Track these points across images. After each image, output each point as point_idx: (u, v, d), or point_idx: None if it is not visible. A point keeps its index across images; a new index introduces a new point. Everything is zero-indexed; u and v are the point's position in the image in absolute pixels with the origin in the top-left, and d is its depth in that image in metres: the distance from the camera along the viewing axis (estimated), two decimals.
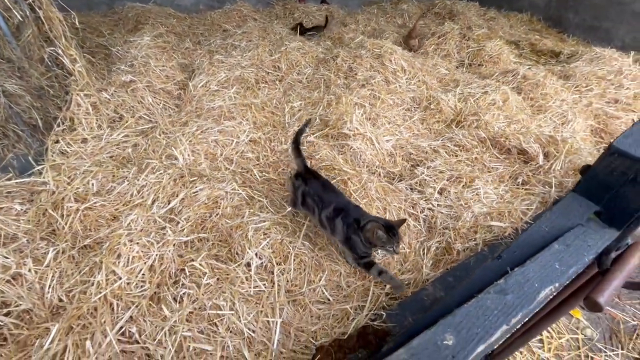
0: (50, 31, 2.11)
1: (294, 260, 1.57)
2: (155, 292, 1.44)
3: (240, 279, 1.49)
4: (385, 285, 1.59)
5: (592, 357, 1.60)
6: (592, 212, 0.68)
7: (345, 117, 2.38)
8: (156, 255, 1.53)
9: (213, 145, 2.26)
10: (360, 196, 1.93)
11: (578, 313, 1.74)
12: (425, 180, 2.08)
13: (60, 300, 1.40)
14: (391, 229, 1.39)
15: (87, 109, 2.22)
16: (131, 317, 1.34)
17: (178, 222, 1.72)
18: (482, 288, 0.54)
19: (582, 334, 1.67)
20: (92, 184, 1.83)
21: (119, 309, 1.33)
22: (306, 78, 3.17)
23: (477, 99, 2.70)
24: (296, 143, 1.81)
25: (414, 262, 1.74)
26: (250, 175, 2.14)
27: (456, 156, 2.26)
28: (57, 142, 2.07)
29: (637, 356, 1.61)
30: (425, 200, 2.00)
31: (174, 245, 1.60)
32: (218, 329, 1.33)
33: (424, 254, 1.78)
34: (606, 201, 0.68)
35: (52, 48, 2.12)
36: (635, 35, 4.15)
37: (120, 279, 1.41)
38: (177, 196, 1.82)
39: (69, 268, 1.50)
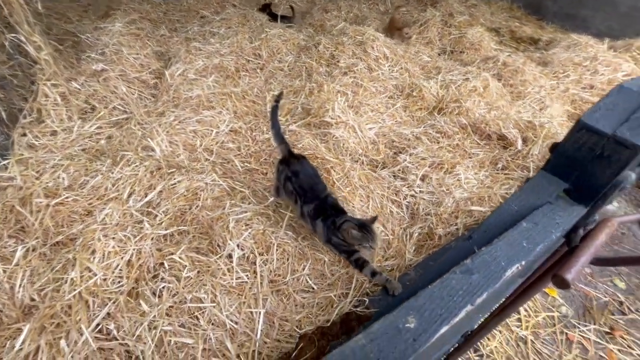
0: (10, 16, 1.97)
1: (277, 250, 1.56)
2: (133, 288, 1.40)
3: (222, 270, 1.47)
4: None
5: (567, 334, 1.66)
6: (561, 190, 0.69)
7: (328, 105, 2.34)
8: (133, 249, 1.48)
9: (192, 135, 2.19)
10: (343, 184, 1.92)
11: (554, 291, 1.81)
12: (408, 167, 2.09)
13: (32, 299, 1.35)
14: (364, 227, 1.43)
15: (55, 100, 2.11)
16: (108, 313, 1.30)
17: (156, 216, 1.67)
18: (451, 269, 0.54)
19: (558, 311, 1.74)
20: (63, 178, 1.75)
21: (95, 306, 1.29)
22: (288, 66, 3.10)
23: (458, 85, 2.71)
24: (276, 128, 1.78)
25: (397, 248, 1.75)
26: (231, 165, 2.10)
27: (438, 143, 2.27)
28: (24, 135, 1.97)
29: (608, 330, 1.68)
30: (408, 187, 2.01)
31: (152, 239, 1.55)
32: (199, 322, 1.31)
33: (406, 240, 1.79)
34: (575, 178, 0.68)
35: (13, 35, 1.99)
36: (610, 23, 4.25)
37: (96, 275, 1.36)
38: (154, 189, 1.76)
39: (40, 266, 1.44)
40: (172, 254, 1.49)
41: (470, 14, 4.32)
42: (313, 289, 1.55)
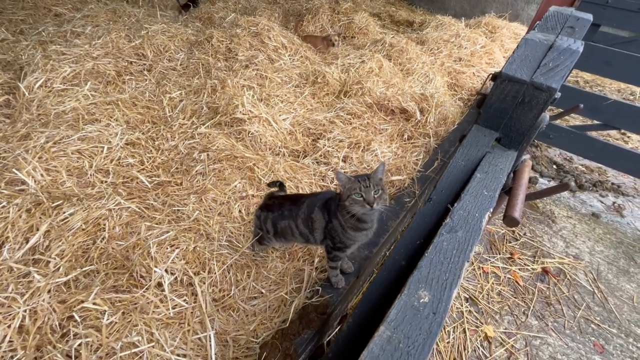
0: None
1: (216, 263, 1.42)
2: (35, 357, 1.10)
3: (153, 303, 1.27)
4: (314, 261, 1.58)
5: (482, 267, 1.96)
6: (494, 139, 0.78)
7: (236, 101, 2.21)
8: (24, 311, 1.16)
9: (75, 157, 1.81)
10: (270, 179, 1.85)
11: None
12: (329, 151, 2.13)
13: None
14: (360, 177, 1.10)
15: None
16: None
17: (48, 262, 1.34)
18: (425, 233, 0.56)
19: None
20: None
21: None
22: (180, 64, 2.81)
23: (357, 68, 2.87)
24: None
25: None
26: (137, 183, 1.81)
27: (351, 124, 2.38)
28: None
29: (509, 256, 2.05)
30: (332, 170, 2.06)
31: (48, 291, 1.24)
32: None
33: None
34: (503, 126, 0.78)
35: None
36: (463, 4, 5.08)
37: None
38: (37, 230, 1.40)
39: None
40: (82, 301, 1.22)
41: (354, 0, 4.59)
42: (262, 293, 1.47)
